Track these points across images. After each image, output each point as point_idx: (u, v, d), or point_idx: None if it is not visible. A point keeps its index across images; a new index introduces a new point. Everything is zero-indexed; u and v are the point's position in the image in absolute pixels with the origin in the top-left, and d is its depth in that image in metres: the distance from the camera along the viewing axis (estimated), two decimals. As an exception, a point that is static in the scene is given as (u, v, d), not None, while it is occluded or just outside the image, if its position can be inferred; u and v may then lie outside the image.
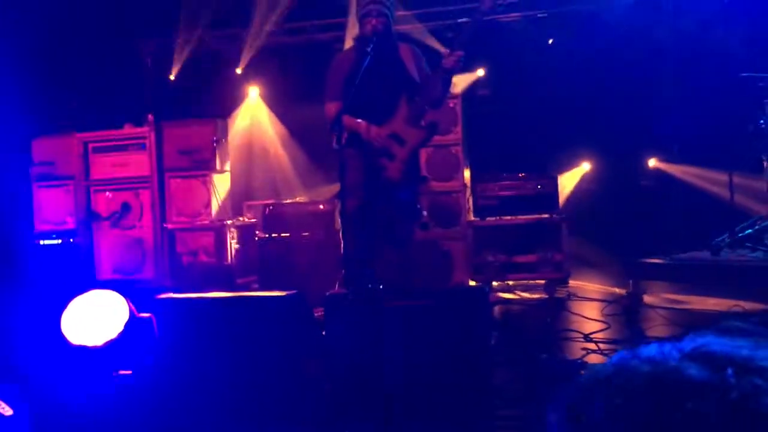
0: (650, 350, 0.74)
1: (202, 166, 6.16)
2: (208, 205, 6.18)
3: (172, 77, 8.52)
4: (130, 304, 2.69)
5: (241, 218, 6.82)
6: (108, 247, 6.23)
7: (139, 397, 2.63)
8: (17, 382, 2.21)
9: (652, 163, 7.97)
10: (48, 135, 6.45)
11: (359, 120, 4.09)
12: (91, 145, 6.34)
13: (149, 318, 2.74)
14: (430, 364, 2.93)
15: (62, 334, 2.59)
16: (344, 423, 2.88)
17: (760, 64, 5.07)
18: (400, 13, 6.41)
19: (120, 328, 2.60)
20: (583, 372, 0.79)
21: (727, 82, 5.36)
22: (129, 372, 2.58)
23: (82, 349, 2.56)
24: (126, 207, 6.19)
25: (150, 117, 6.35)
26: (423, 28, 7.89)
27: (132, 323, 2.64)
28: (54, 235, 6.11)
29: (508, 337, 4.10)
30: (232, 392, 3.06)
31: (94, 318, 2.62)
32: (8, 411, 0.94)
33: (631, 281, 4.96)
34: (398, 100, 4.14)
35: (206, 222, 6.16)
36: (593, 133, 7.49)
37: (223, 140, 6.40)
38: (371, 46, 4.04)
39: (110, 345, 2.56)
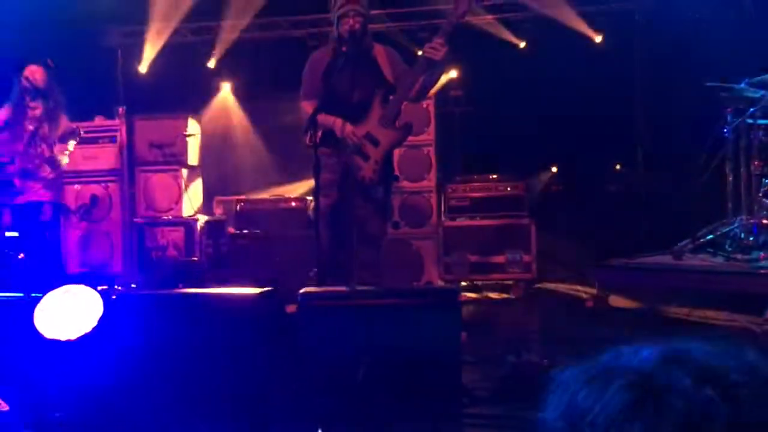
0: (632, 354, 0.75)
1: (174, 160, 6.14)
2: (179, 200, 6.16)
3: (143, 70, 8.44)
4: (103, 299, 2.69)
5: (211, 213, 6.80)
6: (76, 241, 6.16)
7: (111, 391, 2.63)
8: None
9: (619, 167, 8.14)
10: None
11: (334, 117, 4.12)
12: (60, 137, 6.25)
13: (123, 313, 2.74)
14: (402, 363, 2.98)
15: (35, 328, 2.58)
16: (314, 422, 2.91)
17: (724, 73, 5.22)
18: (373, 11, 6.45)
19: (94, 322, 2.60)
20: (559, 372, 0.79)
21: (692, 91, 5.50)
22: (102, 366, 2.58)
23: (56, 343, 2.55)
24: (95, 200, 6.14)
25: (121, 110, 6.30)
26: (396, 29, 7.95)
27: (105, 318, 2.64)
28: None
29: (476, 336, 4.17)
30: (202, 388, 3.07)
31: (68, 312, 2.61)
32: (4, 407, 0.95)
33: (596, 283, 5.07)
34: (373, 101, 4.17)
35: (176, 217, 6.13)
36: (562, 136, 7.62)
37: (195, 135, 6.38)
38: (347, 46, 4.08)
39: (84, 339, 2.56)
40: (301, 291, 3.41)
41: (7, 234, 4.97)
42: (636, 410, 0.68)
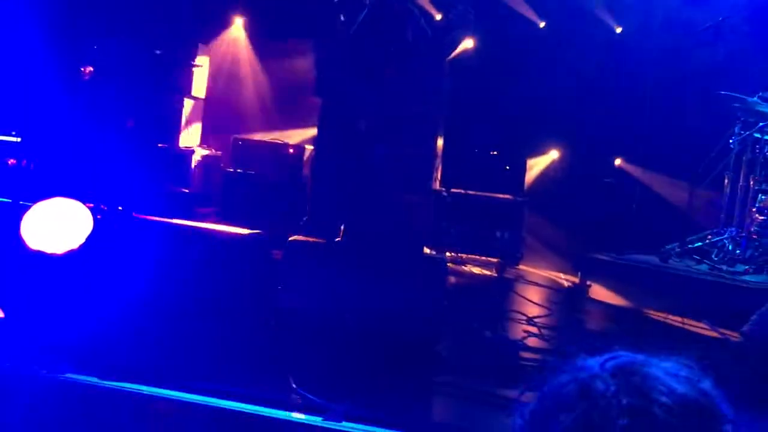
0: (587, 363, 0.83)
1: (178, 89, 6.05)
2: (178, 129, 6.10)
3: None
4: (94, 217, 2.67)
5: (206, 146, 6.75)
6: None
7: (92, 309, 2.63)
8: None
9: (618, 162, 8.11)
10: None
11: (347, 72, 4.07)
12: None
13: (112, 233, 2.72)
14: (382, 322, 3.00)
15: (21, 236, 2.55)
16: (288, 372, 2.93)
17: (739, 85, 5.19)
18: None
19: (82, 239, 2.58)
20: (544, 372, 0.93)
21: (705, 97, 5.48)
22: (85, 282, 2.57)
23: (41, 255, 2.54)
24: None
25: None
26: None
27: (94, 236, 2.62)
28: (13, 133, 5.93)
29: (456, 308, 4.19)
30: (182, 319, 3.07)
31: (56, 225, 2.59)
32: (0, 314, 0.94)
33: (579, 273, 5.09)
34: (389, 59, 4.12)
35: (173, 147, 6.07)
36: (567, 122, 7.57)
37: (202, 66, 6.28)
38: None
39: (70, 254, 2.54)
40: (290, 238, 3.41)
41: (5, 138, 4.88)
42: (568, 405, 0.80)
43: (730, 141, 5.22)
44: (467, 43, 7.92)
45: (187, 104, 6.15)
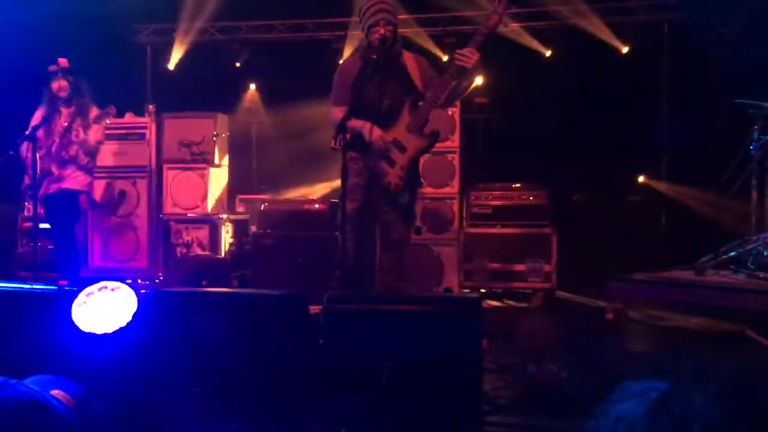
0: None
1: (201, 159, 6.23)
2: (205, 198, 6.25)
3: (171, 67, 8.55)
4: (138, 296, 2.77)
5: (234, 212, 6.88)
6: (102, 235, 6.27)
7: (138, 386, 2.70)
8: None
9: (641, 179, 8.12)
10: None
11: (363, 121, 4.17)
12: (91, 133, 6.36)
13: (156, 310, 2.81)
14: (424, 368, 3.03)
15: (72, 321, 2.66)
16: (337, 422, 2.97)
17: (753, 91, 5.21)
18: (400, 16, 6.50)
19: (129, 317, 2.68)
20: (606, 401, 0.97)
21: (720, 106, 5.50)
22: (134, 360, 2.66)
23: (92, 336, 2.63)
24: (123, 195, 6.25)
25: (151, 108, 6.40)
26: (423, 33, 8.01)
27: (139, 314, 2.72)
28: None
29: (496, 344, 4.20)
30: (228, 386, 3.13)
31: (104, 307, 2.69)
32: (71, 402, 0.99)
33: (616, 296, 5.08)
34: (401, 108, 4.22)
35: (202, 215, 6.22)
36: (586, 146, 7.63)
37: (223, 134, 6.47)
38: (378, 54, 4.13)
39: (119, 333, 2.64)
40: (327, 294, 3.47)
41: (42, 226, 5.02)
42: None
43: (751, 147, 5.22)
44: (477, 81, 8.06)
45: (212, 172, 6.32)
